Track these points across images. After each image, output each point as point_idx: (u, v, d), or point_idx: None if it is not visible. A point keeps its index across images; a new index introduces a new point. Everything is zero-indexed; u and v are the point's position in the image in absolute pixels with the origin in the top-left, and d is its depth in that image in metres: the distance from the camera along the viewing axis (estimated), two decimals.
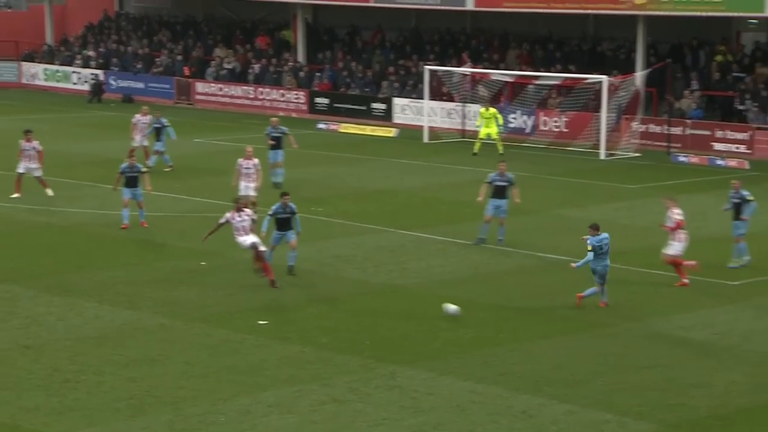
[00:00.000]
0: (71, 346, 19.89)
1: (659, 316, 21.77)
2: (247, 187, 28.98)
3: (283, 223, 24.16)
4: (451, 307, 21.42)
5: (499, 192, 26.89)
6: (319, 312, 22.17)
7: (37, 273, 24.57)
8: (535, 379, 18.38)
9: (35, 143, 31.68)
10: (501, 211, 26.88)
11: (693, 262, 23.62)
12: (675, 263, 23.61)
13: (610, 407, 17.19)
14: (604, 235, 22.05)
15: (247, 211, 23.78)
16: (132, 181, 28.22)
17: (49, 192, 31.64)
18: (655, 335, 20.69)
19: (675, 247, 23.54)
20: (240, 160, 29.42)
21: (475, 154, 39.67)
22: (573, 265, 22.42)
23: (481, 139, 40.56)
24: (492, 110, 41.20)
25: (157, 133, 35.85)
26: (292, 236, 24.16)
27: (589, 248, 21.81)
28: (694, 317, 21.74)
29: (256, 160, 29.52)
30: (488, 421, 16.69)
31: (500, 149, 40.15)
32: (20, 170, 31.67)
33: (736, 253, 25.03)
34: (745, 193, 25.07)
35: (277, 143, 33.55)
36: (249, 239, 23.39)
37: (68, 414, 16.99)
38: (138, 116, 36.39)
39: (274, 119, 35.00)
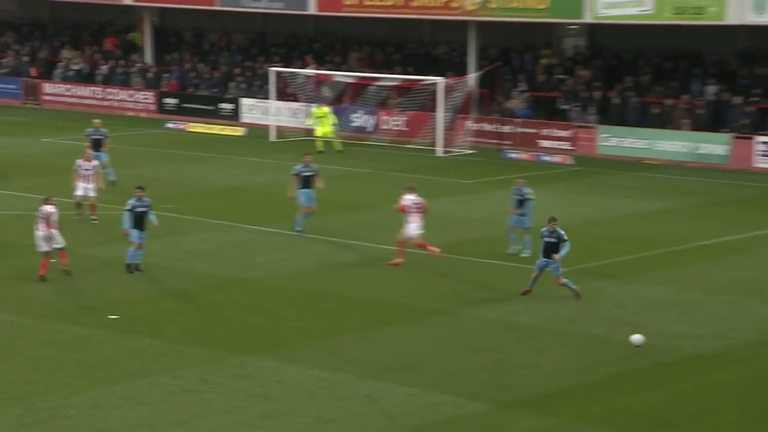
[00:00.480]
0: None
1: (492, 303, 22.71)
2: (87, 189, 29.25)
3: (140, 219, 24.57)
4: (637, 338, 20.09)
5: (307, 182, 28.19)
6: (169, 306, 22.46)
7: None
8: (378, 365, 19.02)
9: None
10: (311, 199, 28.13)
11: (435, 249, 25.14)
12: (421, 245, 25.14)
13: (447, 389, 17.92)
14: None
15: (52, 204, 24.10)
16: None
17: None
18: (488, 321, 21.59)
19: (414, 228, 25.01)
20: (79, 161, 29.61)
21: (321, 152, 40.52)
22: (557, 257, 22.89)
23: (319, 137, 41.52)
24: (324, 109, 42.17)
25: None
26: (144, 237, 24.64)
27: (565, 238, 22.90)
28: (523, 303, 22.74)
29: (95, 162, 29.86)
30: (335, 406, 17.21)
31: (338, 146, 41.12)
32: None
33: (513, 240, 26.39)
34: (526, 191, 26.34)
35: (97, 145, 33.57)
36: (60, 241, 23.69)
37: None
38: None
39: (96, 121, 34.80)
